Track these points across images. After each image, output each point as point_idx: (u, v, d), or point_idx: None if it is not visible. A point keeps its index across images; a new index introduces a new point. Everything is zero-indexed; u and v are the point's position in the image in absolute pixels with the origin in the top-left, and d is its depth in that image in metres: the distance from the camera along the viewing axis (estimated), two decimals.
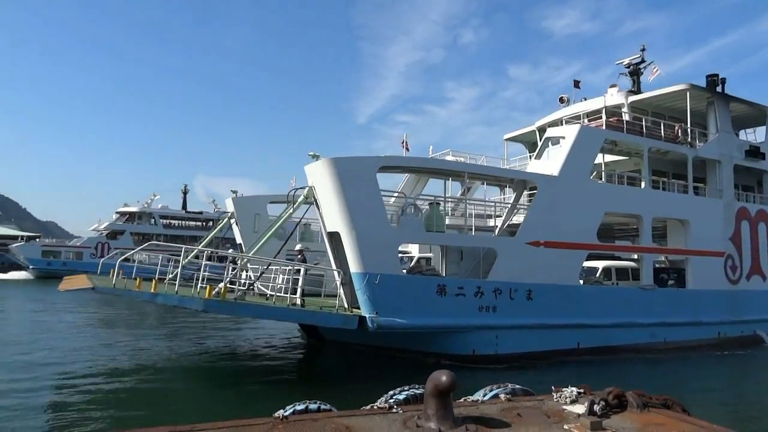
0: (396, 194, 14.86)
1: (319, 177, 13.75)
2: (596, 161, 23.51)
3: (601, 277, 20.55)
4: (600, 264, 21.09)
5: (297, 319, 13.15)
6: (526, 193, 17.68)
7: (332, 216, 13.83)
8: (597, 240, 17.75)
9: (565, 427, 3.53)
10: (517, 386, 4.75)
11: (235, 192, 21.59)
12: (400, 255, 22.61)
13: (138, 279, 11.99)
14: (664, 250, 21.37)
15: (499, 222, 17.34)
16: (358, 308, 13.87)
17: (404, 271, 15.39)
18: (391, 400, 4.68)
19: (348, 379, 13.90)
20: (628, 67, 25.95)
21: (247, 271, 15.20)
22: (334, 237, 14.25)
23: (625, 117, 21.77)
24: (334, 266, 14.52)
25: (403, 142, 16.11)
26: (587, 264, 21.91)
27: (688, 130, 20.90)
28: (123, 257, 11.95)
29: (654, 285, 18.97)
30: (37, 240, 66.64)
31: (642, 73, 25.81)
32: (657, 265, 21.02)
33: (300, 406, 4.76)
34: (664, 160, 22.46)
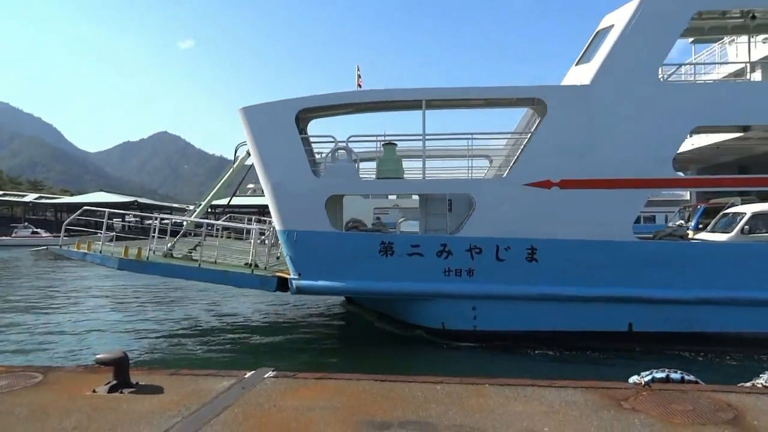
0: (325, 139, 12.67)
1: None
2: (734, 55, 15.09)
3: (747, 229, 13.40)
4: (748, 209, 13.73)
5: (206, 278, 12.74)
6: None
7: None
8: (673, 172, 11.58)
9: None
10: None
11: None
12: None
13: (77, 242, 13.65)
14: None
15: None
16: None
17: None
18: None
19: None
20: None
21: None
22: None
23: None
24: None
25: (357, 78, 13.32)
26: (731, 210, 14.64)
27: None
28: (67, 221, 13.73)
29: None
30: None
31: None
32: None
33: (659, 374, 4.57)
34: None
